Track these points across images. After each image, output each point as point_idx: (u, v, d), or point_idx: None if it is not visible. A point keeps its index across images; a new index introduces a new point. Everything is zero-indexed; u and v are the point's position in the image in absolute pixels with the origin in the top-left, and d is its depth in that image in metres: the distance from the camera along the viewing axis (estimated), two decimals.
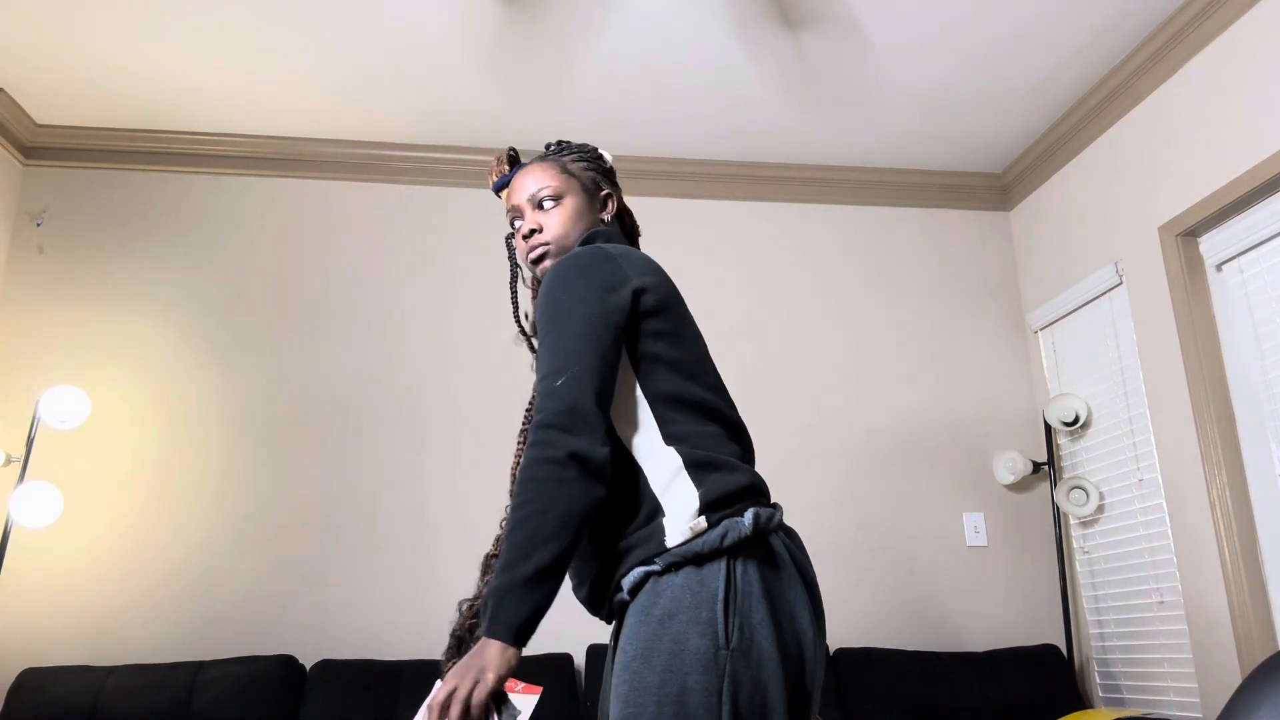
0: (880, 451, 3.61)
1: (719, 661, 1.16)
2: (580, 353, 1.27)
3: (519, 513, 1.19)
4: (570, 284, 1.33)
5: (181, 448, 3.27)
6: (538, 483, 1.20)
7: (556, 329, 1.30)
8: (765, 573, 1.24)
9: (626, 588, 1.25)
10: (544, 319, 1.33)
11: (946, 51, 3.13)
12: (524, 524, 1.18)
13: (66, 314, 3.35)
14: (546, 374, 1.28)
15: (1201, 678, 2.86)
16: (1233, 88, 2.81)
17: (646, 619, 1.20)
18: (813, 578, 1.31)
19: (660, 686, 1.15)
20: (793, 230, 3.85)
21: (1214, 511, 2.82)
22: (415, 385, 3.44)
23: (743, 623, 1.19)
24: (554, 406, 1.24)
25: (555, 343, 1.30)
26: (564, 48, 3.09)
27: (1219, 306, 2.94)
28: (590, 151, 1.61)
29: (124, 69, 3.16)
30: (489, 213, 3.70)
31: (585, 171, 1.56)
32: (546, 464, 1.21)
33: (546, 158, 1.57)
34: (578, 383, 1.25)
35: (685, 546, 1.23)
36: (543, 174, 1.53)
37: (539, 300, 1.37)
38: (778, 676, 1.19)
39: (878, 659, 3.15)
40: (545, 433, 1.23)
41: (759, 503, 1.30)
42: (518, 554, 1.17)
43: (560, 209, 1.51)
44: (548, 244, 1.49)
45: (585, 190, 1.54)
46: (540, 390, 1.28)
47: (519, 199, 1.54)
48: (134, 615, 3.09)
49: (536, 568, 1.16)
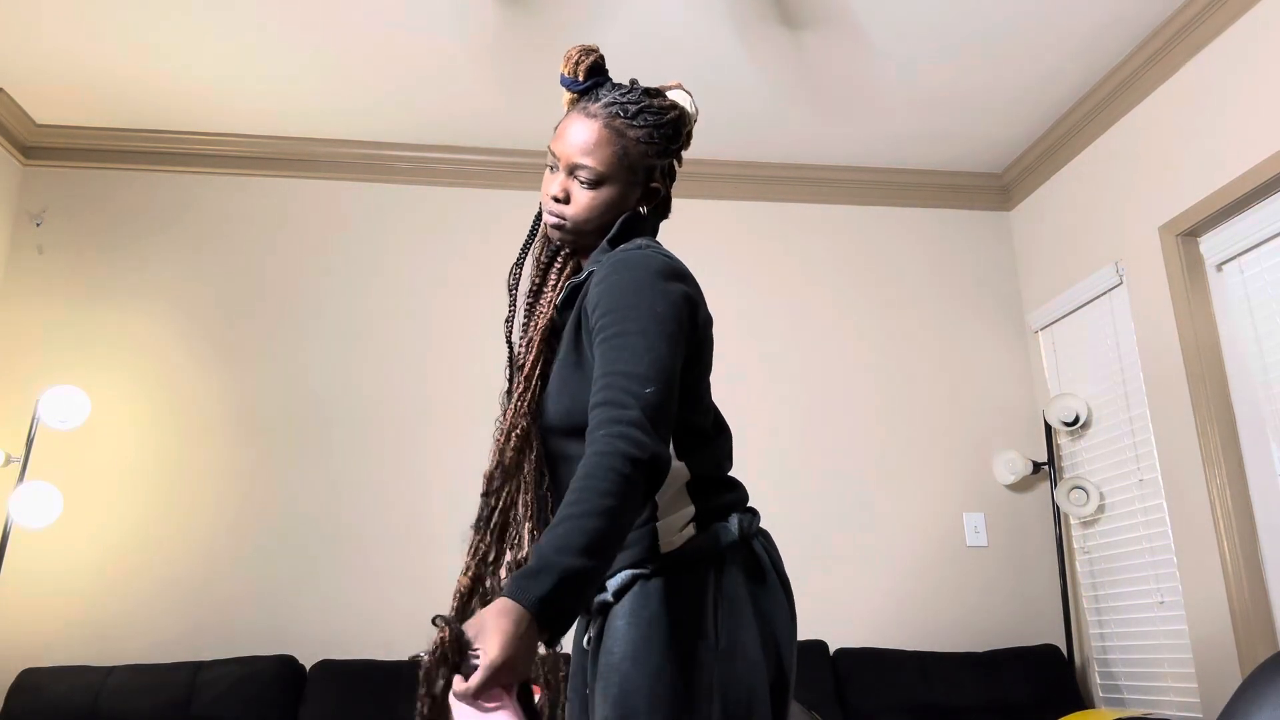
0: (880, 451, 3.60)
1: (708, 663, 1.18)
2: (664, 373, 1.19)
3: (603, 500, 1.07)
4: (665, 294, 1.25)
5: (181, 447, 3.27)
6: (620, 476, 1.09)
7: (650, 335, 1.21)
8: (749, 577, 1.27)
9: (611, 589, 1.24)
10: (633, 315, 1.23)
11: (946, 51, 3.13)
12: (603, 515, 1.06)
13: (66, 314, 3.35)
14: (631, 374, 1.18)
15: (1201, 678, 2.86)
16: (1232, 88, 2.81)
17: (635, 621, 1.20)
18: (786, 578, 1.35)
19: (651, 687, 1.16)
20: (793, 230, 3.85)
21: (1214, 511, 2.82)
22: (415, 385, 3.44)
23: (730, 626, 1.21)
24: (641, 408, 1.15)
25: (646, 349, 1.20)
26: (564, 48, 3.09)
27: (1219, 306, 2.94)
28: (666, 129, 1.39)
29: (124, 69, 3.16)
30: (489, 213, 3.70)
31: (644, 159, 1.39)
32: (631, 462, 1.10)
33: (615, 120, 1.37)
34: (662, 402, 1.17)
35: (676, 551, 1.24)
36: (595, 146, 1.35)
37: (615, 287, 1.26)
38: (762, 677, 1.22)
39: (878, 659, 3.14)
40: (632, 430, 1.13)
41: (742, 511, 1.32)
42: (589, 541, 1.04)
43: (595, 194, 1.36)
44: (565, 220, 1.38)
45: (633, 182, 1.39)
46: (620, 385, 1.18)
47: (560, 147, 1.37)
48: (134, 615, 3.09)
49: (597, 565, 1.05)
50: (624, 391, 1.17)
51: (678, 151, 1.45)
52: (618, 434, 1.12)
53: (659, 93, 1.42)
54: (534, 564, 1.03)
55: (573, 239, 1.41)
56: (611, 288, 1.27)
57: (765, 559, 1.31)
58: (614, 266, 1.29)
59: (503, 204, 3.71)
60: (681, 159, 1.49)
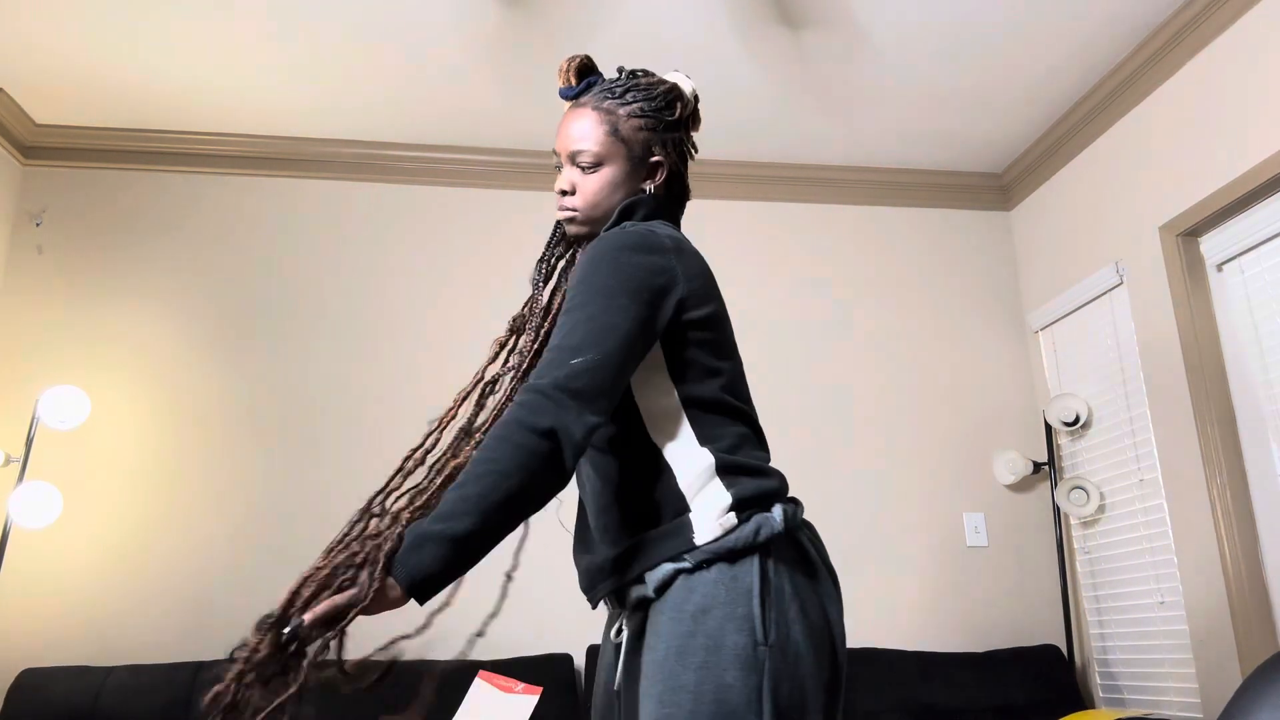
0: (880, 451, 3.60)
1: (758, 658, 1.13)
2: (608, 344, 1.18)
3: (480, 467, 1.10)
4: (620, 267, 1.24)
5: (181, 447, 3.27)
6: (510, 445, 1.11)
7: (591, 306, 1.20)
8: (795, 569, 1.21)
9: (652, 584, 1.21)
10: (581, 290, 1.23)
11: (946, 51, 3.13)
12: (479, 481, 1.09)
13: (66, 313, 3.35)
14: (562, 345, 1.18)
15: (1202, 678, 2.86)
16: (1232, 88, 2.81)
17: (679, 615, 1.16)
18: (834, 571, 1.30)
19: (697, 685, 1.11)
20: (792, 230, 3.85)
21: (1214, 511, 2.82)
22: (415, 385, 3.44)
23: (779, 619, 1.16)
24: (557, 377, 1.15)
25: (585, 320, 1.19)
26: (564, 48, 3.09)
27: (1219, 306, 2.94)
28: (657, 101, 1.40)
29: (124, 69, 3.16)
30: (490, 212, 3.70)
31: (638, 133, 1.38)
32: (526, 430, 1.11)
33: (604, 103, 1.39)
34: (594, 369, 1.16)
35: (717, 543, 1.19)
36: (588, 130, 1.37)
37: (578, 268, 1.27)
38: (814, 673, 1.16)
39: (878, 659, 3.14)
40: (537, 398, 1.14)
41: (785, 501, 1.27)
42: (463, 508, 1.07)
43: (597, 176, 1.37)
44: (575, 211, 1.39)
45: (631, 157, 1.38)
46: (547, 358, 1.18)
47: (560, 144, 1.40)
48: (134, 615, 3.09)
49: (471, 529, 1.07)
50: (547, 364, 1.17)
51: (678, 126, 1.43)
52: (519, 404, 1.14)
53: (648, 72, 1.45)
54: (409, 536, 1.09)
55: (587, 229, 1.41)
56: (577, 270, 1.27)
57: (812, 551, 1.26)
58: (587, 250, 1.28)
59: (503, 204, 3.71)
60: (694, 141, 1.48)
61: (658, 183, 1.41)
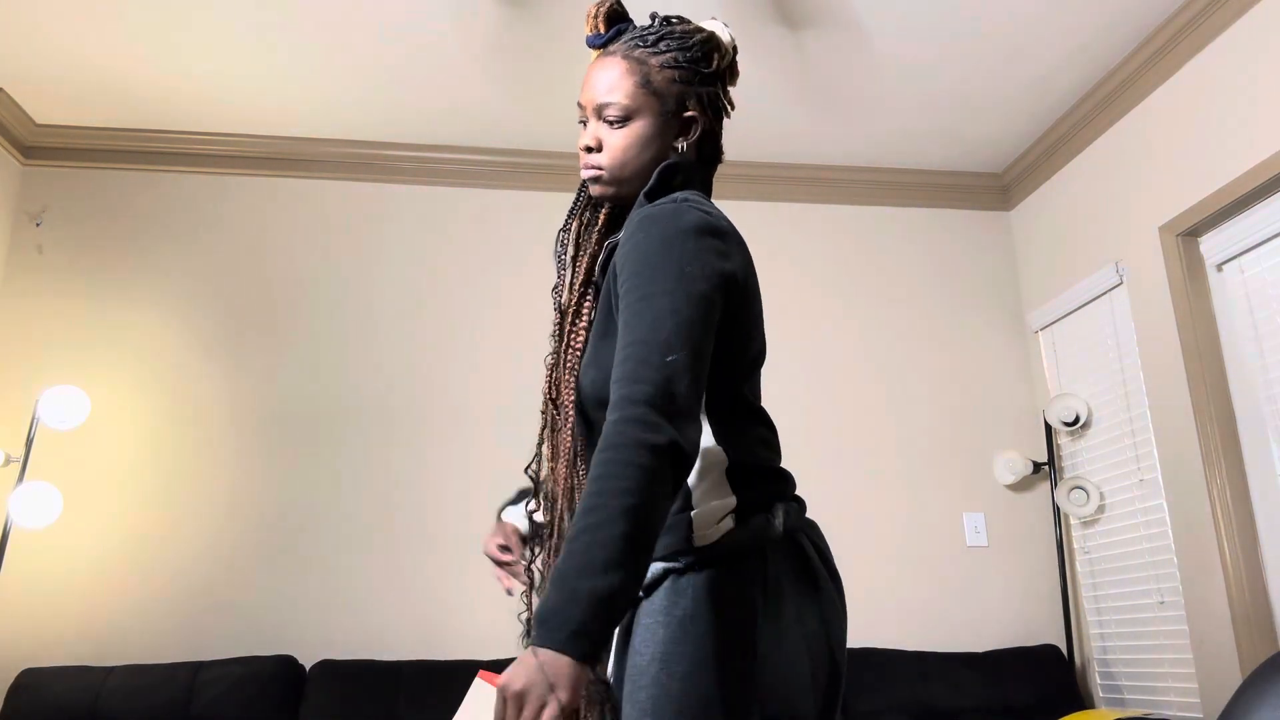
0: (880, 451, 3.60)
1: (747, 670, 1.08)
2: (691, 338, 1.08)
3: (621, 500, 0.97)
4: (694, 254, 1.14)
5: (181, 447, 3.27)
6: (639, 469, 0.99)
7: (675, 297, 1.10)
8: (792, 575, 1.16)
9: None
10: (656, 276, 1.12)
11: (946, 52, 3.13)
12: (625, 517, 0.97)
13: (66, 313, 3.35)
14: (648, 341, 1.08)
15: (1202, 678, 2.86)
16: (1232, 88, 2.81)
17: (666, 620, 1.10)
18: (837, 573, 1.24)
19: (683, 694, 1.06)
20: (793, 230, 3.85)
21: (1214, 511, 2.82)
22: (415, 385, 3.44)
23: (773, 629, 1.11)
24: (659, 382, 1.04)
25: (670, 312, 1.09)
26: (564, 48, 3.09)
27: (1219, 306, 2.94)
28: (693, 51, 1.29)
29: (124, 69, 3.16)
30: (489, 212, 3.70)
31: (672, 86, 1.27)
32: (649, 450, 1.00)
33: (635, 51, 1.28)
34: (685, 370, 1.06)
35: (713, 546, 1.13)
36: (617, 80, 1.26)
37: (640, 247, 1.16)
38: (807, 684, 1.11)
39: (878, 659, 3.14)
40: (647, 411, 1.03)
41: (789, 501, 1.21)
42: (612, 554, 0.95)
43: (626, 131, 1.27)
44: (601, 170, 1.28)
45: (663, 112, 1.27)
46: (637, 356, 1.07)
47: (585, 95, 1.29)
48: (134, 615, 3.09)
49: (627, 578, 0.96)
50: (641, 363, 1.06)
51: (714, 79, 1.32)
52: (630, 418, 1.02)
53: (684, 19, 1.34)
54: (556, 595, 0.95)
55: (613, 190, 1.30)
56: (636, 246, 1.16)
57: (813, 553, 1.20)
58: (640, 223, 1.18)
59: (503, 204, 3.71)
60: (730, 98, 1.36)
61: (690, 140, 1.30)
